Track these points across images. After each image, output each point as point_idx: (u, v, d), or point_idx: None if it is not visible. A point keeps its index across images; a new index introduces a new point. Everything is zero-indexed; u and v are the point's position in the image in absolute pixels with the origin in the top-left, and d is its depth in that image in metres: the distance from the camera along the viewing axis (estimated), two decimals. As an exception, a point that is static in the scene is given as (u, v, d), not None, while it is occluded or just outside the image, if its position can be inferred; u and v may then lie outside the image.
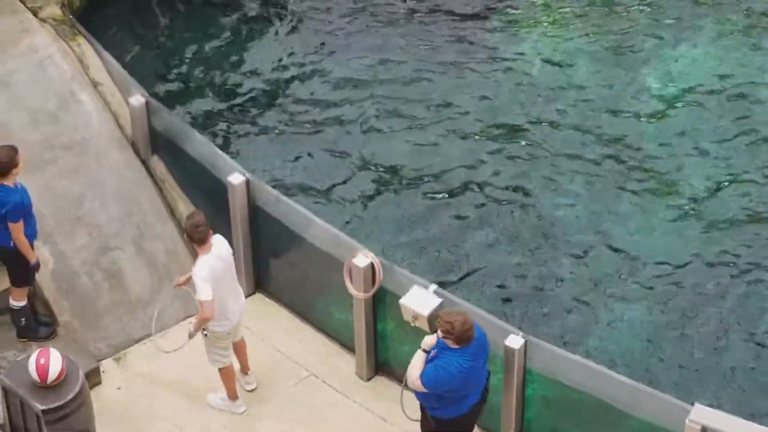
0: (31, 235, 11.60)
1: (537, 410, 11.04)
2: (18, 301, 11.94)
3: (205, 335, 11.29)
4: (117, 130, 13.62)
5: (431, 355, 10.14)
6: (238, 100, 15.72)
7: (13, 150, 11.44)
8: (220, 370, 11.57)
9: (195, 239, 10.99)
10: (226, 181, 12.32)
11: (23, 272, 11.75)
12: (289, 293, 12.64)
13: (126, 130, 13.64)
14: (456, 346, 9.99)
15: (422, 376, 10.10)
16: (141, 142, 13.48)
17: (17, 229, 11.39)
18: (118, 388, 11.96)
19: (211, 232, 11.03)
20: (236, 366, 11.77)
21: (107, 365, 12.11)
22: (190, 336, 11.29)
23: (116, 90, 13.95)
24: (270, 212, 12.28)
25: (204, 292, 10.89)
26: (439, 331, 10.03)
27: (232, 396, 11.71)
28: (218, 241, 11.11)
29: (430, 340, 10.19)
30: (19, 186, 11.49)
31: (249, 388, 11.90)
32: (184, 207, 13.21)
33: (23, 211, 11.41)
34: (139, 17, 16.73)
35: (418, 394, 10.34)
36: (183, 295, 12.45)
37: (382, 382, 12.02)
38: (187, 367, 12.03)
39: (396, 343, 11.84)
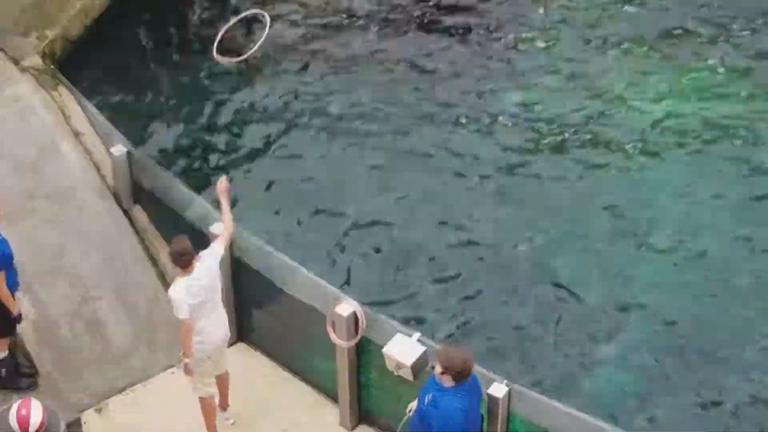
0: (12, 286, 11.53)
1: (522, 459, 11.00)
2: (-2, 352, 11.87)
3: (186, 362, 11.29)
4: (99, 179, 13.61)
5: (427, 400, 10.03)
6: (222, 149, 15.72)
7: None
8: (201, 400, 11.52)
9: (179, 265, 11.02)
10: (208, 231, 12.29)
11: (4, 323, 11.67)
12: (271, 342, 12.59)
13: (108, 180, 13.63)
14: (453, 384, 9.87)
15: (421, 417, 9.95)
16: (123, 191, 13.47)
17: None
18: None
19: (196, 257, 11.06)
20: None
21: (88, 416, 12.02)
22: (185, 370, 11.24)
23: (98, 140, 13.96)
24: (252, 262, 12.25)
25: (180, 309, 10.94)
26: (437, 367, 9.88)
27: None
28: (202, 267, 11.10)
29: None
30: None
31: (228, 422, 11.86)
32: (166, 257, 13.16)
33: (5, 262, 11.36)
34: (121, 66, 16.75)
35: None
36: (165, 345, 12.41)
37: (365, 431, 11.96)
38: (169, 417, 11.96)
39: (380, 392, 11.78)
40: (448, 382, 9.90)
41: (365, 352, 11.61)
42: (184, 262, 10.97)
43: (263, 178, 15.40)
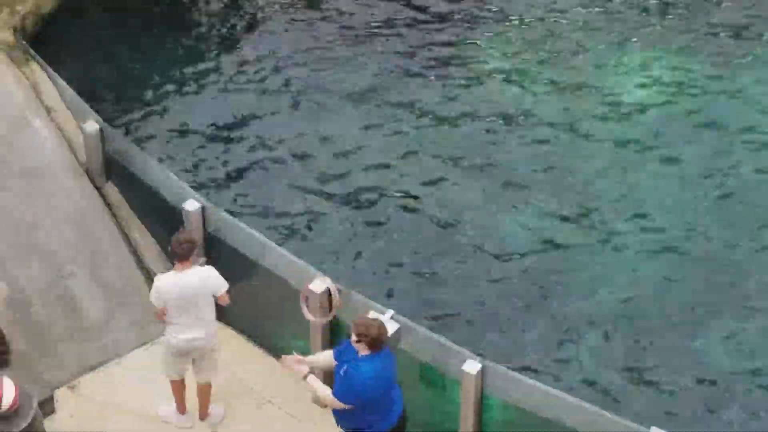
0: None
1: (495, 435, 11.05)
2: (-30, 331, 11.81)
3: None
4: (71, 156, 13.54)
5: (343, 370, 10.04)
6: (195, 126, 15.67)
7: None
8: (170, 381, 11.56)
9: (175, 252, 10.94)
10: (182, 207, 12.26)
11: None
12: (246, 320, 12.58)
13: (80, 157, 13.56)
14: (368, 352, 9.91)
15: (336, 391, 10.01)
16: (95, 168, 13.41)
17: None
18: (71, 416, 11.84)
19: (197, 256, 11.02)
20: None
21: (61, 393, 11.99)
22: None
23: (70, 116, 13.88)
24: (225, 239, 12.23)
25: (152, 296, 11.05)
26: (353, 336, 9.92)
27: (180, 410, 11.68)
28: (197, 273, 11.01)
29: (318, 361, 10.26)
30: None
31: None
32: (139, 233, 13.15)
33: None
34: (93, 42, 16.66)
35: (343, 417, 10.16)
36: (139, 322, 12.39)
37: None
38: (143, 393, 11.95)
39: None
40: (363, 350, 9.93)
41: (339, 329, 11.61)
42: (181, 249, 10.84)
43: (237, 153, 15.35)
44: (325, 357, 10.42)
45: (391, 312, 11.15)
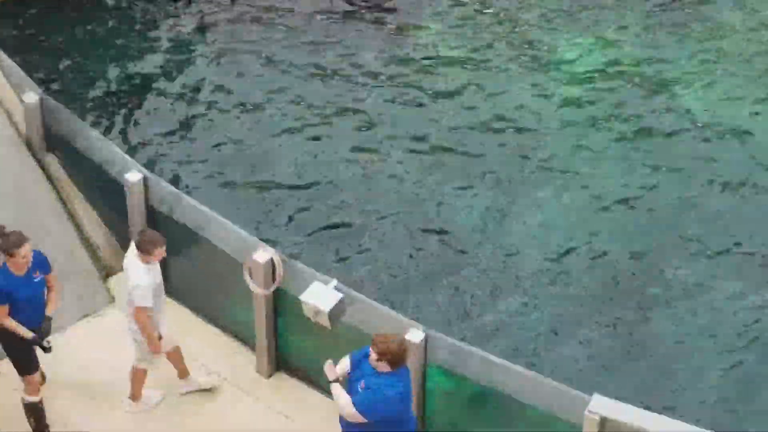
0: (29, 320, 11.02)
1: (438, 404, 11.06)
2: None
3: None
4: (10, 128, 13.39)
5: (360, 386, 9.84)
6: (138, 99, 15.57)
7: None
8: (138, 370, 11.50)
9: (145, 251, 10.85)
10: (123, 179, 12.18)
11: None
12: (189, 292, 12.53)
13: (20, 128, 13.42)
14: (389, 369, 9.72)
15: (357, 403, 9.75)
16: (36, 140, 13.28)
17: None
18: (15, 390, 11.76)
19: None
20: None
21: (3, 366, 11.87)
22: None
23: (9, 87, 13.72)
24: (168, 210, 12.17)
25: (145, 297, 10.91)
26: (372, 354, 9.69)
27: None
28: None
29: (340, 369, 10.02)
30: None
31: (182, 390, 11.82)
32: (81, 206, 13.04)
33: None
34: (33, 13, 16.49)
35: (354, 429, 9.91)
36: (81, 295, 12.31)
37: (283, 378, 11.97)
38: (86, 367, 11.90)
39: (297, 339, 11.79)
40: (384, 368, 9.75)
41: (282, 300, 11.60)
42: (151, 246, 10.82)
43: (182, 124, 15.30)
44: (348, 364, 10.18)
45: (334, 282, 11.15)
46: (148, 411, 11.64)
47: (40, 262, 10.94)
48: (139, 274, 10.90)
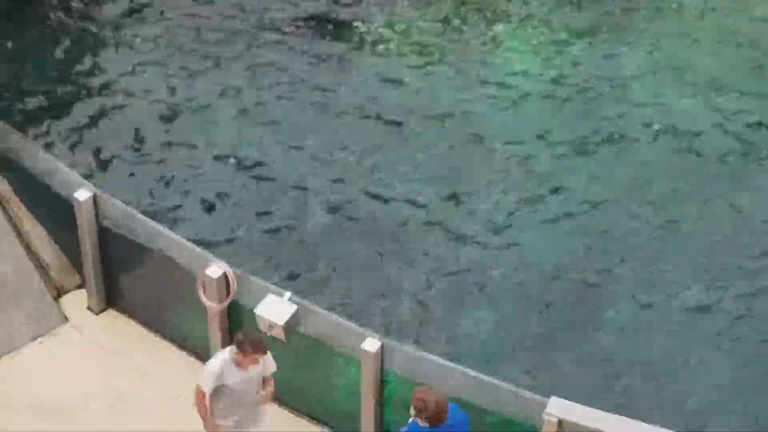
0: None
1: (396, 411, 11.04)
2: None
3: None
4: (-44, 149, 13.28)
5: None
6: (85, 116, 15.45)
7: None
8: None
9: (250, 350, 10.15)
10: (72, 197, 12.09)
11: None
12: (141, 308, 12.46)
13: (-34, 150, 13.31)
14: (427, 425, 9.61)
15: None
16: (-18, 160, 13.18)
17: None
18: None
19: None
20: None
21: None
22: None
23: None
24: (118, 227, 12.09)
25: (205, 380, 10.26)
26: (411, 409, 9.62)
27: None
28: (254, 372, 10.39)
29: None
30: None
31: None
32: (30, 225, 12.94)
33: None
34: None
35: None
36: (32, 316, 12.22)
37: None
38: (40, 387, 11.82)
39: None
40: (422, 423, 9.63)
41: (237, 314, 11.55)
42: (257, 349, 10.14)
43: (130, 140, 15.21)
44: None
45: (288, 294, 11.12)
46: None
47: None
48: (216, 360, 10.33)
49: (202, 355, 12.03)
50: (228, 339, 11.68)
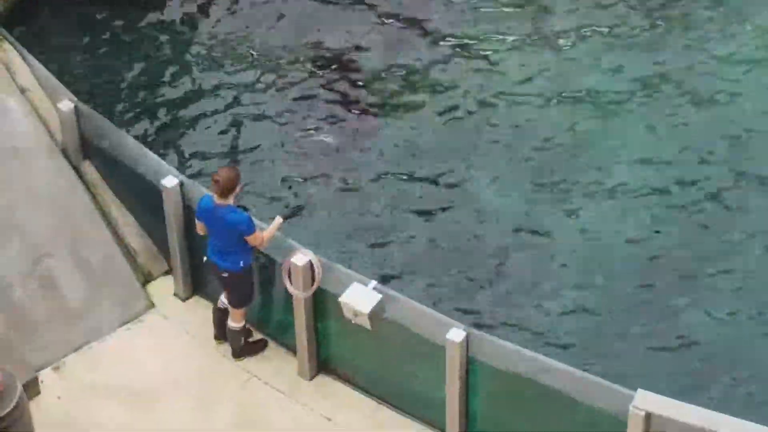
0: None
1: (481, 403, 11.02)
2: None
3: None
4: (47, 136, 13.42)
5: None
6: (171, 103, 15.55)
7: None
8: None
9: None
10: (160, 184, 12.18)
11: None
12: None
13: (56, 136, 13.45)
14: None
15: None
16: (71, 147, 13.30)
17: None
18: (58, 398, 11.80)
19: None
20: None
21: (46, 375, 11.94)
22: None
23: (45, 96, 13.76)
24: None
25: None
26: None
27: None
28: None
29: None
30: None
31: None
32: (118, 212, 13.06)
33: None
34: (65, 21, 16.51)
35: None
36: (121, 302, 12.34)
37: (324, 380, 11.96)
38: (128, 373, 11.92)
39: (338, 341, 11.77)
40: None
41: (322, 302, 11.59)
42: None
43: (217, 128, 15.28)
44: None
45: (374, 283, 11.13)
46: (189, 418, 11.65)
47: None
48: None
49: (286, 342, 12.11)
50: (314, 327, 11.73)
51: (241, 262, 11.54)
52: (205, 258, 11.74)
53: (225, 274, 11.61)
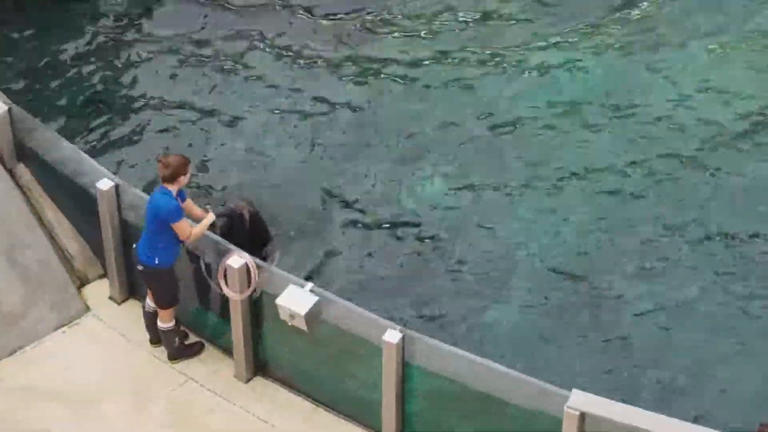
0: None
1: (417, 404, 11.05)
2: None
3: None
4: (-20, 139, 13.31)
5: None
6: (105, 106, 15.50)
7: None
8: None
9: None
10: (95, 187, 12.12)
11: None
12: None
13: (-10, 140, 13.34)
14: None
15: None
16: (5, 150, 13.19)
17: None
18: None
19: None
20: None
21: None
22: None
23: (-23, 98, 13.64)
24: (140, 218, 12.10)
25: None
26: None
27: None
28: None
29: None
30: None
31: None
32: (53, 215, 12.98)
33: None
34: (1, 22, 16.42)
35: None
36: (58, 305, 12.26)
37: (261, 383, 11.95)
38: (63, 377, 11.85)
39: (274, 343, 11.76)
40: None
41: (258, 304, 11.57)
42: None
43: (151, 128, 15.23)
44: None
45: (310, 285, 11.14)
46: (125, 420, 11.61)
47: None
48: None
49: (222, 344, 12.09)
50: (251, 329, 11.71)
51: (156, 260, 11.46)
52: (134, 245, 11.69)
53: (140, 267, 11.57)
